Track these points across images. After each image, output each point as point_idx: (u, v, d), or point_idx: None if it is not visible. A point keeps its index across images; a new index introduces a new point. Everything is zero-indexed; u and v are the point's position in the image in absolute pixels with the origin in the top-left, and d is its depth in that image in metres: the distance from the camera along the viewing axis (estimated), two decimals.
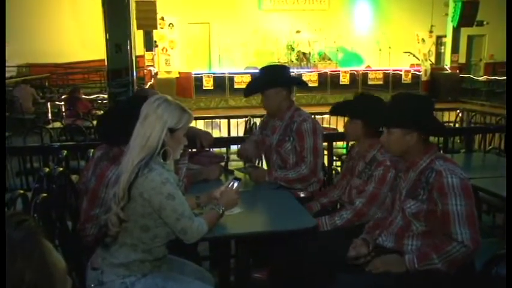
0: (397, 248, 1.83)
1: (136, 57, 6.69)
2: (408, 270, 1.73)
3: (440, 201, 1.70)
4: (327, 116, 6.44)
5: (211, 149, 3.29)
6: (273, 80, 2.62)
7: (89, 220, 1.97)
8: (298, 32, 13.54)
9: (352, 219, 2.22)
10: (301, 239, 2.07)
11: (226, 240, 2.11)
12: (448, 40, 13.56)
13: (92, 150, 2.66)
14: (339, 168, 3.11)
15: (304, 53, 13.44)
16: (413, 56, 14.06)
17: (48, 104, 9.00)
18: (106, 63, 6.09)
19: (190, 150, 2.72)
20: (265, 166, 2.98)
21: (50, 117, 7.96)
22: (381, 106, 2.16)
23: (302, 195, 2.64)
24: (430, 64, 14.53)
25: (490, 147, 4.29)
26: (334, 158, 4.54)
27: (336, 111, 2.52)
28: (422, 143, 1.82)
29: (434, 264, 1.70)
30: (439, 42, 15.29)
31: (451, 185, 1.69)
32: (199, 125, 6.00)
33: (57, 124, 5.98)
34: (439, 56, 15.39)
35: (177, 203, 1.63)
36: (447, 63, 13.73)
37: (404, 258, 1.75)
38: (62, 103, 8.22)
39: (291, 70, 14.09)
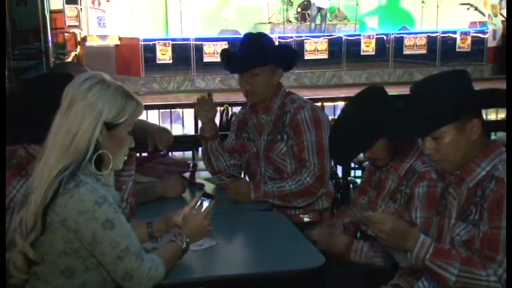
0: None
1: (52, 13, 6.59)
2: None
3: (490, 221, 1.73)
4: (341, 103, 6.47)
5: (170, 154, 3.33)
6: (272, 53, 2.67)
7: None
8: None
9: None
10: (303, 285, 2.11)
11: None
12: None
13: None
14: (359, 180, 3.17)
15: (320, 8, 13.39)
16: (475, 9, 14.06)
17: None
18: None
19: (138, 155, 2.75)
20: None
21: None
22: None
23: (306, 219, 2.70)
24: (502, 21, 14.48)
25: None
26: (353, 165, 4.60)
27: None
28: (483, 140, 1.84)
29: (447, 273, 1.72)
30: None
31: None
32: (152, 117, 6.00)
33: None
34: None
35: (118, 233, 1.66)
36: None
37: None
38: None
39: (290, 34, 13.96)
